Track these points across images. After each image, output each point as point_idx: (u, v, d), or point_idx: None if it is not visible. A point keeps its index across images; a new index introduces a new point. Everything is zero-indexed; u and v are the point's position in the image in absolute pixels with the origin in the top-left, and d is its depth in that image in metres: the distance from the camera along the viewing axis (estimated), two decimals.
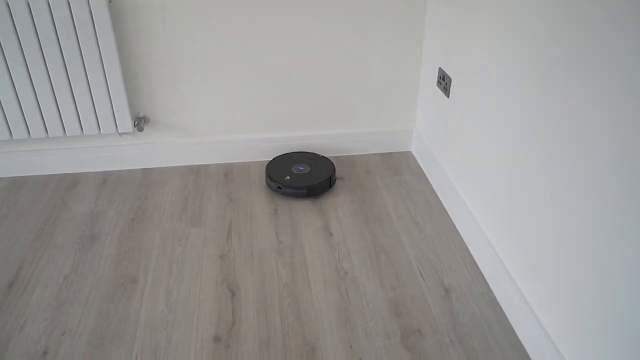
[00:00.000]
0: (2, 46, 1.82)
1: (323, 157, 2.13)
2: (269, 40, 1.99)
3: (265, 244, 1.77)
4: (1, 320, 1.49)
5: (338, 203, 1.96)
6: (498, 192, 1.52)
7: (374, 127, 2.24)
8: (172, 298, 1.56)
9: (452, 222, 1.86)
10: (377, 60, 2.08)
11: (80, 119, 1.99)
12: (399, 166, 2.19)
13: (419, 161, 2.20)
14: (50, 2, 1.77)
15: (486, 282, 1.60)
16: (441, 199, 1.97)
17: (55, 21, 1.80)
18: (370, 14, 1.98)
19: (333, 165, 2.07)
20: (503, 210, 1.49)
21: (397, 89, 2.15)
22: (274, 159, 2.12)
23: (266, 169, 2.05)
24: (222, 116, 2.13)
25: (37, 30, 1.81)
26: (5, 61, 1.85)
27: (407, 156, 2.26)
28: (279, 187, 1.96)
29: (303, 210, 1.92)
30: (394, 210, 1.92)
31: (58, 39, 1.84)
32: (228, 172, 2.16)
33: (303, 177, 2.00)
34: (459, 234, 1.80)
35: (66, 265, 1.69)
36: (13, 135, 1.99)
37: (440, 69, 1.90)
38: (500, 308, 1.51)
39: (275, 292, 1.58)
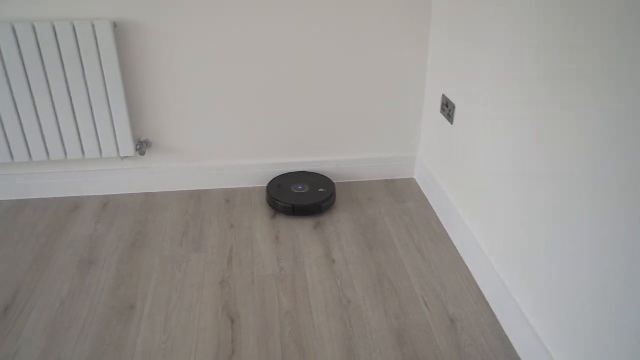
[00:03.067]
0: (6, 68, 1.82)
1: (323, 176, 2.12)
2: (271, 67, 1.99)
3: (266, 271, 1.73)
4: None
5: (340, 230, 1.94)
6: (504, 220, 1.49)
7: (377, 154, 2.23)
8: (170, 325, 1.52)
9: (456, 250, 1.83)
10: (381, 86, 2.08)
11: (82, 142, 1.98)
12: (403, 193, 2.17)
13: (422, 188, 2.18)
14: (55, 25, 1.78)
15: (493, 313, 1.56)
16: (445, 226, 1.94)
17: (60, 45, 1.81)
18: (374, 40, 1.99)
19: (333, 183, 2.07)
20: (509, 239, 1.47)
21: (400, 115, 2.15)
22: (274, 178, 2.11)
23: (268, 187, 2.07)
24: (224, 141, 2.12)
25: (42, 54, 1.81)
26: (9, 83, 1.85)
27: (411, 183, 2.24)
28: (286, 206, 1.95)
29: (305, 237, 1.89)
30: (397, 238, 1.89)
31: (62, 63, 1.84)
32: (230, 198, 2.14)
33: (303, 196, 1.99)
34: (464, 262, 1.77)
35: (63, 290, 1.65)
36: (14, 158, 1.98)
37: (444, 96, 1.90)
38: (508, 340, 1.47)
39: (276, 320, 1.54)
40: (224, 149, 2.14)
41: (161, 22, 1.87)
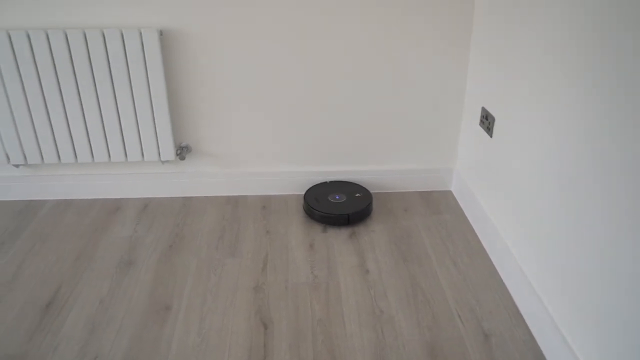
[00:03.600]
0: (57, 71, 1.90)
1: (361, 187, 2.12)
2: (310, 75, 2.01)
3: (300, 278, 1.74)
4: (37, 340, 1.50)
5: (375, 240, 1.93)
6: (543, 235, 1.46)
7: (414, 165, 2.22)
8: (205, 327, 1.55)
9: (492, 264, 1.80)
10: (419, 97, 2.07)
11: (126, 145, 2.04)
12: (439, 205, 2.15)
13: (459, 201, 2.16)
14: (105, 32, 1.84)
15: (528, 329, 1.53)
16: (482, 240, 1.91)
17: (108, 51, 1.87)
18: (414, 50, 1.99)
19: (370, 193, 2.08)
20: (547, 254, 1.44)
21: (438, 127, 2.14)
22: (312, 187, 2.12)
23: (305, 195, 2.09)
24: (262, 148, 2.15)
25: (91, 60, 1.88)
26: (59, 87, 1.92)
27: (447, 195, 2.22)
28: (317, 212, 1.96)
29: (339, 246, 1.90)
30: (432, 250, 1.88)
31: (110, 69, 1.90)
32: (266, 204, 2.16)
33: (340, 206, 2.00)
34: (499, 277, 1.74)
35: (103, 288, 1.70)
36: (61, 159, 2.05)
37: (483, 108, 1.88)
38: (544, 357, 1.44)
39: (308, 327, 1.55)
40: (261, 155, 2.17)
41: (204, 31, 1.92)
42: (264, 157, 2.17)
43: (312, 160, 2.18)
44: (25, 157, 2.04)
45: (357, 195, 2.08)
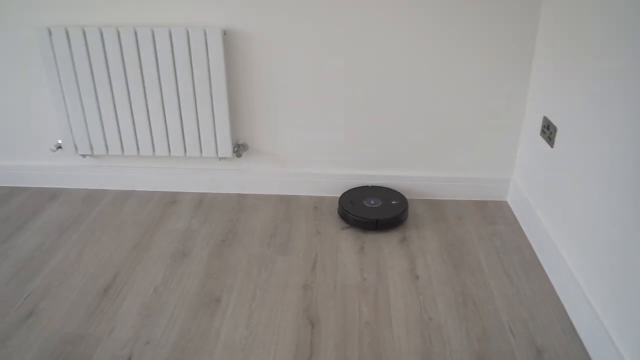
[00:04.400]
0: (126, 70, 1.98)
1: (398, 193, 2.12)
2: (366, 79, 2.01)
3: (349, 280, 1.74)
4: (94, 321, 1.56)
5: (426, 246, 1.91)
6: (603, 251, 1.41)
7: (469, 173, 2.18)
8: (253, 322, 1.57)
9: (548, 279, 1.74)
10: (478, 104, 2.04)
11: (185, 140, 2.10)
12: (494, 215, 2.10)
13: (515, 212, 2.10)
14: (172, 31, 1.91)
15: (584, 348, 1.47)
16: (538, 253, 1.86)
17: (174, 49, 1.94)
18: (475, 56, 1.96)
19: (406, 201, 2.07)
20: (607, 271, 1.38)
21: (496, 135, 2.09)
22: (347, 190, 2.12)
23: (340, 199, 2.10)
24: (317, 150, 2.17)
25: (157, 57, 1.95)
26: (127, 82, 2.00)
27: (503, 206, 2.17)
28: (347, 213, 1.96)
29: (390, 251, 1.89)
30: (485, 260, 1.83)
31: (174, 66, 1.97)
32: (318, 205, 2.17)
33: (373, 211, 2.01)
34: (555, 292, 1.68)
35: (157, 277, 1.75)
36: (124, 151, 2.13)
37: (545, 118, 1.83)
38: None
39: (355, 329, 1.54)
40: (315, 157, 2.18)
41: (266, 31, 1.96)
42: (317, 159, 2.19)
43: (366, 164, 2.18)
44: (92, 148, 2.14)
45: (393, 202, 2.06)
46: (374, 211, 2.01)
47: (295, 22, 1.94)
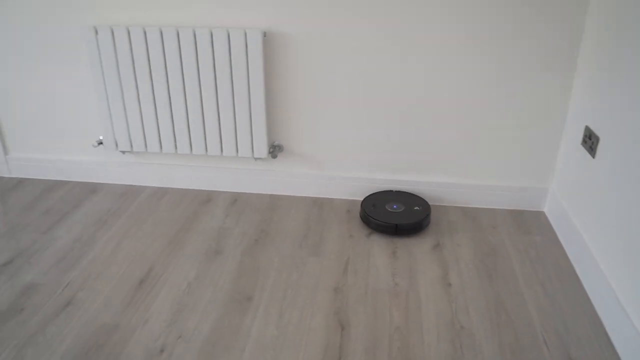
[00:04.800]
0: (167, 69, 2.02)
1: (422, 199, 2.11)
2: (404, 84, 2.01)
3: (380, 284, 1.74)
4: (129, 312, 1.60)
5: (460, 254, 1.89)
6: None
7: (506, 182, 2.14)
8: (283, 321, 1.58)
9: (585, 291, 1.70)
10: (517, 110, 2.01)
11: (222, 140, 2.13)
12: (530, 225, 2.06)
13: (552, 223, 2.06)
14: (213, 32, 1.94)
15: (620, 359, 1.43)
16: (575, 265, 1.81)
17: (214, 50, 1.97)
18: (514, 60, 1.93)
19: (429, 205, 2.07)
20: None
21: (535, 143, 2.06)
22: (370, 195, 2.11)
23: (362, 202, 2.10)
24: (351, 153, 2.17)
25: (198, 57, 1.99)
26: (167, 82, 2.05)
27: (540, 216, 2.12)
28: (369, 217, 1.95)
29: (423, 257, 1.87)
30: (520, 270, 1.80)
31: (214, 66, 2.00)
32: (351, 209, 2.17)
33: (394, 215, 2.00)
34: (592, 305, 1.64)
35: (191, 273, 1.78)
36: (163, 149, 2.18)
37: (587, 127, 1.79)
38: None
39: (385, 333, 1.54)
40: (349, 160, 2.18)
41: (305, 33, 1.97)
42: (351, 162, 2.19)
43: (401, 169, 2.17)
44: (131, 145, 2.19)
45: (416, 208, 2.05)
46: (395, 216, 2.00)
47: (335, 25, 1.95)
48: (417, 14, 1.89)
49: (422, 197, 2.19)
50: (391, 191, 2.17)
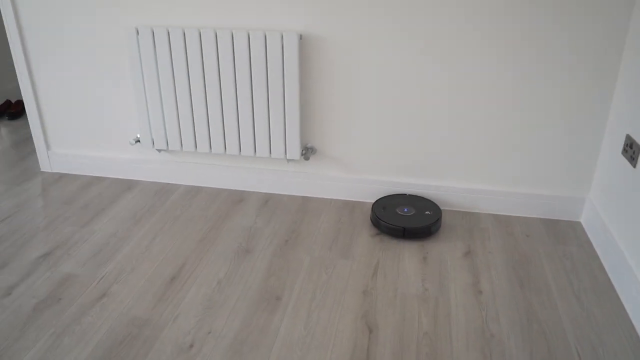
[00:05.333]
0: (205, 70, 2.06)
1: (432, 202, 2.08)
2: (440, 89, 1.99)
3: (409, 289, 1.72)
4: (161, 307, 1.63)
5: (491, 261, 1.86)
6: None
7: (541, 190, 2.10)
8: (311, 322, 1.58)
9: (622, 304, 1.65)
10: (556, 117, 1.97)
11: (256, 141, 2.15)
12: (565, 236, 2.02)
13: (588, 233, 2.01)
14: (250, 34, 1.97)
15: None
16: (612, 278, 1.76)
17: (251, 51, 2.00)
18: (555, 70, 1.89)
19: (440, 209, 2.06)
20: None
21: (572, 151, 2.01)
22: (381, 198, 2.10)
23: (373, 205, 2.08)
24: (383, 158, 2.16)
25: (235, 60, 2.02)
26: (204, 83, 2.08)
27: (576, 226, 2.08)
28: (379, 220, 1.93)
29: (453, 263, 1.85)
30: (553, 281, 1.76)
31: (250, 68, 2.03)
32: None
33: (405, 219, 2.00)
34: (629, 319, 1.59)
35: (221, 271, 1.80)
36: (197, 148, 2.21)
37: (627, 136, 1.74)
38: None
39: (413, 338, 1.52)
40: (381, 164, 2.18)
41: (339, 38, 1.98)
42: (384, 167, 2.18)
43: (433, 175, 2.15)
44: (167, 144, 2.23)
45: (427, 212, 2.04)
46: (404, 219, 1.99)
47: (369, 30, 1.95)
48: (450, 20, 1.88)
49: (451, 203, 2.16)
50: (404, 194, 2.17)
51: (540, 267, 1.83)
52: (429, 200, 2.13)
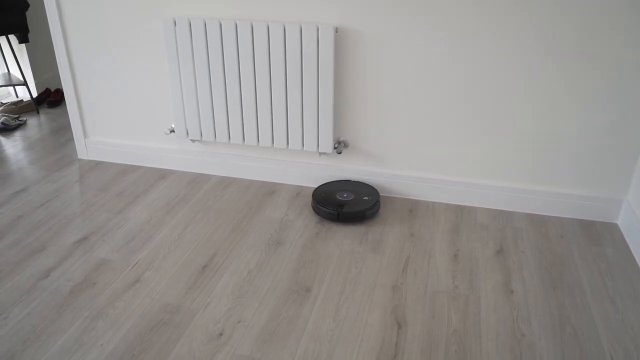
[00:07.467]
0: (240, 62, 2.07)
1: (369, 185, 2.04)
2: (474, 87, 1.96)
3: (440, 286, 1.71)
4: (192, 295, 1.65)
5: (524, 261, 1.83)
6: None
7: (577, 190, 2.06)
8: (340, 315, 1.59)
9: None
10: (595, 117, 1.92)
11: (289, 133, 2.16)
12: (601, 237, 1.97)
13: (625, 236, 1.96)
14: (286, 27, 1.97)
15: None
16: None
17: (286, 44, 2.00)
18: (595, 70, 1.85)
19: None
20: None
21: (611, 152, 1.96)
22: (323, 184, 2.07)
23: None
24: (414, 153, 2.15)
25: (270, 52, 2.03)
26: (239, 75, 2.10)
27: (612, 228, 2.03)
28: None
29: (485, 261, 1.83)
30: (587, 283, 1.73)
31: (285, 60, 2.03)
32: (413, 208, 2.15)
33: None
34: None
35: (252, 261, 1.82)
36: (231, 139, 2.23)
37: None
38: None
39: (442, 335, 1.51)
40: (412, 160, 2.16)
41: (377, 31, 1.97)
42: (414, 162, 2.17)
43: (463, 172, 2.13)
44: (201, 134, 2.26)
45: (365, 198, 2.09)
46: (342, 203, 2.06)
47: (405, 25, 1.93)
48: (490, 16, 1.85)
49: (486, 201, 2.13)
50: (346, 181, 2.15)
51: (574, 269, 1.80)
52: (368, 185, 2.12)
